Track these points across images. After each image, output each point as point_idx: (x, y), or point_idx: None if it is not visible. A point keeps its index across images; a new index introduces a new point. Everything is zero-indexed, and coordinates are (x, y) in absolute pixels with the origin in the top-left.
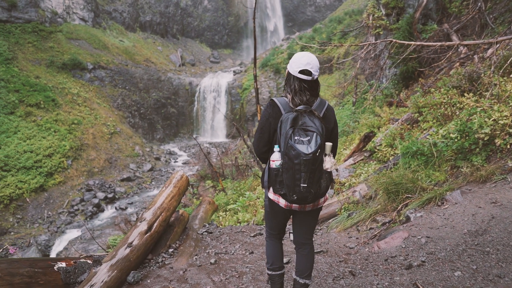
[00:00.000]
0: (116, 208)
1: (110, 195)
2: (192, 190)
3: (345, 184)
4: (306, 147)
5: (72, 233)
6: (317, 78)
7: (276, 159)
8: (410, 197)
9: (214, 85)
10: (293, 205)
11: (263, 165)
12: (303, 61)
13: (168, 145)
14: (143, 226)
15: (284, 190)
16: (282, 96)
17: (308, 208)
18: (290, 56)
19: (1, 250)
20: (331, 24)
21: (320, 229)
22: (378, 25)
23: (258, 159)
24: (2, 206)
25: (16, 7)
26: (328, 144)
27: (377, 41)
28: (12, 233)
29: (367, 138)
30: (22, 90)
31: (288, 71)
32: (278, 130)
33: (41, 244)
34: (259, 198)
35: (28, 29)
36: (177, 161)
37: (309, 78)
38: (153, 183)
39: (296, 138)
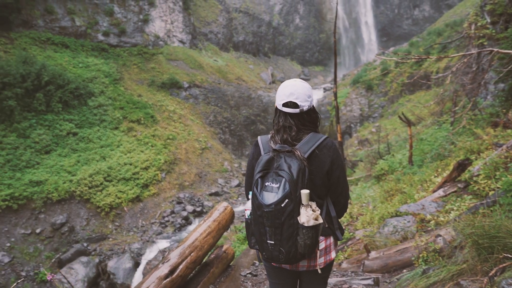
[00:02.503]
0: None
1: (198, 209)
2: None
3: (430, 222)
4: (274, 196)
5: (162, 243)
6: (309, 109)
7: (247, 208)
8: (510, 258)
9: None
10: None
11: None
12: (286, 92)
13: None
14: (164, 269)
15: (257, 245)
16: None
17: (302, 268)
18: (383, 72)
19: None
20: (429, 37)
21: (389, 283)
22: (481, 34)
23: None
24: (103, 214)
25: (125, 33)
26: (304, 193)
27: (472, 52)
28: (110, 239)
29: (461, 166)
30: (126, 108)
31: (275, 105)
32: None
33: (134, 252)
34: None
35: (134, 52)
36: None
37: (295, 111)
38: (239, 198)
39: (267, 184)
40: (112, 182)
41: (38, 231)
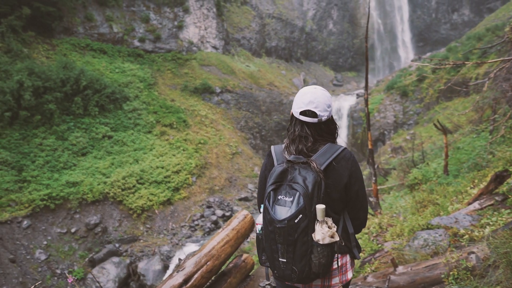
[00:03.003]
0: None
1: (227, 213)
2: None
3: (464, 237)
4: (287, 211)
5: (190, 247)
6: (328, 120)
7: (259, 222)
8: None
9: (336, 108)
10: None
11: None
12: (305, 100)
13: None
14: (178, 278)
15: (268, 262)
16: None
17: None
18: (419, 77)
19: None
20: (468, 42)
21: None
22: None
23: None
24: (135, 216)
25: (160, 39)
26: (320, 208)
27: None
28: (141, 240)
29: (500, 178)
30: (159, 112)
31: (291, 112)
32: None
33: (163, 254)
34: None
35: (168, 58)
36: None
37: (313, 120)
38: None
39: (280, 197)
40: (144, 185)
41: (73, 230)
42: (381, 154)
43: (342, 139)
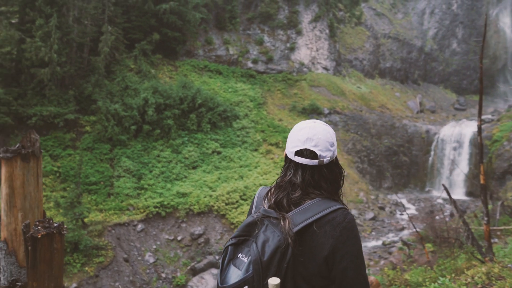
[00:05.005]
0: None
1: None
2: (408, 251)
3: None
4: (237, 276)
5: None
6: (331, 162)
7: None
8: None
9: (456, 135)
10: None
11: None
12: (301, 136)
13: (395, 195)
14: None
15: None
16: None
17: None
18: None
19: None
20: None
21: None
22: None
23: None
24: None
25: (272, 60)
26: (272, 284)
27: None
28: None
29: None
30: (267, 131)
31: (285, 152)
32: None
33: None
34: None
35: (278, 78)
36: (402, 214)
37: (312, 162)
38: (373, 233)
39: (240, 255)
40: (247, 201)
41: (179, 238)
42: (508, 189)
43: (462, 170)
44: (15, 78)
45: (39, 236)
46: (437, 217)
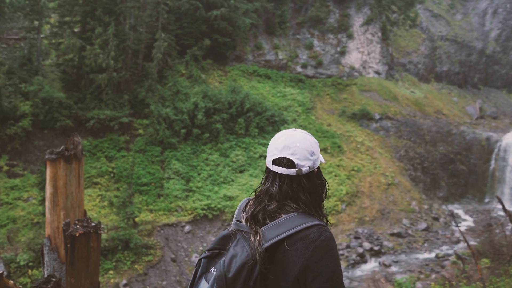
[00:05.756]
0: (379, 262)
1: (376, 248)
2: (462, 265)
3: None
4: None
5: None
6: (311, 172)
7: None
8: None
9: None
10: None
11: None
12: (278, 144)
13: (451, 206)
14: None
15: None
16: None
17: None
18: None
19: None
20: None
21: None
22: None
23: None
24: None
25: (321, 65)
26: None
27: None
28: None
29: None
30: (315, 136)
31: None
32: None
33: None
34: None
35: (328, 83)
36: (459, 226)
37: (289, 172)
38: (425, 245)
39: (212, 269)
40: None
41: None
42: None
43: None
44: (76, 83)
45: (77, 235)
46: (497, 231)
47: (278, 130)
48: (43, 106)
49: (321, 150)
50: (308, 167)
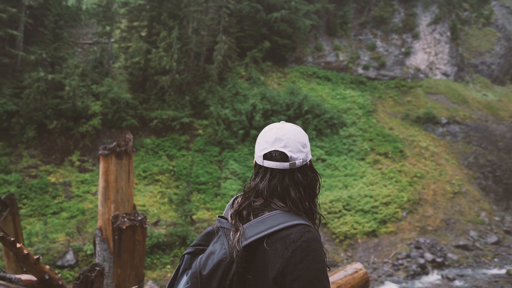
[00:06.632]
0: (442, 275)
1: (439, 259)
2: None
3: None
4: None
5: (389, 286)
6: (305, 165)
7: None
8: None
9: None
10: None
11: None
12: (268, 138)
13: None
14: None
15: None
16: None
17: None
18: None
19: None
20: None
21: None
22: None
23: None
24: (338, 241)
25: (384, 66)
26: None
27: None
28: (339, 267)
29: None
30: (375, 140)
31: (254, 160)
32: None
33: None
34: None
35: (391, 85)
36: None
37: (283, 165)
38: (495, 259)
39: (193, 266)
40: (350, 212)
41: None
42: None
43: None
44: (142, 85)
45: (124, 227)
46: None
47: (337, 133)
48: (111, 106)
49: (381, 154)
50: (301, 160)
